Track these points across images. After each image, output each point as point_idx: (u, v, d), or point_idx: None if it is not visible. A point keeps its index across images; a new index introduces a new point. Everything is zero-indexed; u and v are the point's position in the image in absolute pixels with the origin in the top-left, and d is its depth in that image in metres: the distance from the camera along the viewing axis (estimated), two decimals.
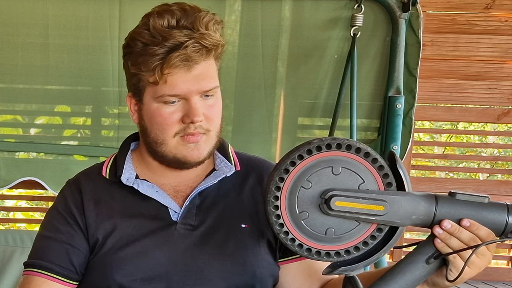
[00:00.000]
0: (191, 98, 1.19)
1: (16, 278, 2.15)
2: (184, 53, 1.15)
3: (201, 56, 1.17)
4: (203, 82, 1.19)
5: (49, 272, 1.25)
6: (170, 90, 1.18)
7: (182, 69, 1.17)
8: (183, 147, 1.22)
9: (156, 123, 1.22)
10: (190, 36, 1.15)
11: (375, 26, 2.18)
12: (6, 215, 4.77)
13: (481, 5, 3.37)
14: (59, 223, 1.29)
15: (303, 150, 1.00)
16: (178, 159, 1.24)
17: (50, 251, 1.27)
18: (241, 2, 2.20)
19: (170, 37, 1.15)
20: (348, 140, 0.99)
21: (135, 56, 1.20)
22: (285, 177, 1.00)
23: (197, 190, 1.27)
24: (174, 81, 1.17)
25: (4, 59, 2.23)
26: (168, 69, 1.16)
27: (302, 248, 1.02)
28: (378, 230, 1.01)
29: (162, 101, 1.20)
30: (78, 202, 1.29)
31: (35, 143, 2.34)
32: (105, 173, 1.32)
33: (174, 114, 1.20)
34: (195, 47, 1.15)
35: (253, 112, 2.28)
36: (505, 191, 3.68)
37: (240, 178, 1.32)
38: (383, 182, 1.00)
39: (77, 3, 2.19)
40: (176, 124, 1.20)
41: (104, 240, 1.26)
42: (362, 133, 2.28)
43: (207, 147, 1.24)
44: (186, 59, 1.15)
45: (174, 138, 1.22)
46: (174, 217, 1.27)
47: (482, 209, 1.01)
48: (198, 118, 1.19)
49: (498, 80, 3.49)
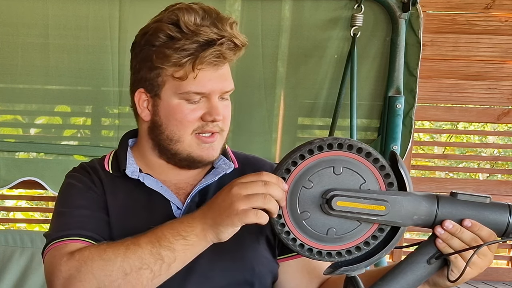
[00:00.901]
0: (213, 97, 1.20)
1: (16, 278, 2.15)
2: (219, 49, 1.15)
3: (233, 55, 1.18)
4: (226, 83, 1.20)
5: (94, 241, 1.19)
6: (196, 88, 1.18)
7: (212, 67, 1.17)
8: (198, 146, 1.22)
9: (175, 119, 1.21)
10: (221, 34, 1.15)
11: (375, 26, 2.18)
12: (6, 215, 4.76)
13: (481, 5, 3.37)
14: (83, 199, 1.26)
15: (305, 150, 1.00)
16: (192, 157, 1.24)
17: (87, 221, 1.22)
18: (241, 2, 2.20)
19: (201, 33, 1.15)
20: (350, 140, 1.00)
21: (160, 49, 1.19)
22: (286, 176, 1.00)
23: (198, 187, 1.27)
24: (202, 78, 1.17)
25: (4, 59, 2.23)
26: (201, 64, 1.16)
27: (304, 248, 1.02)
28: (380, 230, 1.01)
29: (185, 97, 1.20)
30: (95, 179, 1.28)
31: (35, 143, 2.34)
32: (108, 167, 1.31)
33: (195, 111, 1.20)
34: (229, 45, 1.16)
35: (253, 112, 2.28)
36: (505, 191, 3.68)
37: (238, 175, 1.31)
38: (385, 182, 1.00)
39: (77, 3, 2.19)
40: (196, 121, 1.20)
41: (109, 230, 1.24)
42: (362, 133, 2.29)
43: (219, 147, 1.25)
44: (219, 55, 1.16)
45: (191, 135, 1.22)
46: (176, 213, 1.26)
47: (483, 210, 1.01)
48: (219, 117, 1.20)
49: (498, 80, 3.49)
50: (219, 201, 1.05)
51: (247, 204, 1.01)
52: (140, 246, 1.08)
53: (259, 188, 1.01)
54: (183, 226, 1.08)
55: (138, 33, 1.25)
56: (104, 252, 1.10)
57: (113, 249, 1.10)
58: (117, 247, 1.10)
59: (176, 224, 1.09)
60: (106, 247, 1.11)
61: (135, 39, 1.26)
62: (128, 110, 2.41)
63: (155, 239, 1.08)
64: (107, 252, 1.10)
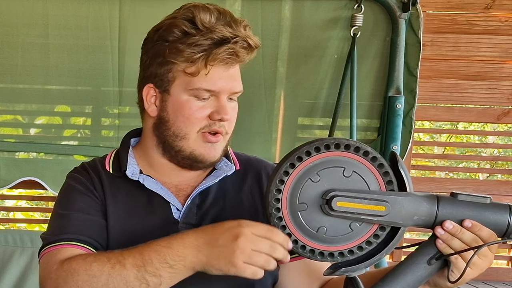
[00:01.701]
0: (221, 96, 1.20)
1: (16, 278, 2.15)
2: (233, 48, 1.16)
3: (246, 55, 1.19)
4: (235, 83, 1.21)
5: (89, 246, 1.20)
6: (207, 85, 1.19)
7: (224, 65, 1.18)
8: (202, 145, 1.23)
9: (183, 115, 1.22)
10: (235, 34, 1.17)
11: (375, 26, 2.18)
12: (6, 215, 4.75)
13: (481, 5, 3.37)
14: (82, 201, 1.26)
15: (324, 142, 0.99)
16: (195, 156, 1.24)
17: (84, 226, 1.22)
18: (241, 2, 2.20)
19: (216, 30, 1.16)
20: (348, 140, 0.99)
21: (173, 45, 1.19)
22: (290, 171, 1.00)
23: (198, 189, 1.27)
24: (213, 76, 1.18)
25: (4, 59, 2.23)
26: (213, 61, 1.17)
27: (305, 249, 1.02)
28: (380, 230, 1.01)
29: (195, 94, 1.20)
30: (95, 181, 1.28)
31: (35, 143, 2.34)
32: (109, 167, 1.31)
33: (204, 109, 1.21)
34: (243, 44, 1.17)
35: (253, 112, 2.28)
36: (505, 191, 3.68)
37: (239, 177, 1.33)
38: (385, 182, 1.00)
39: (77, 3, 2.19)
40: (203, 119, 1.21)
41: (107, 232, 1.25)
42: (362, 133, 2.28)
43: (221, 148, 1.26)
44: (232, 53, 1.17)
45: (197, 133, 1.22)
46: (176, 215, 1.26)
47: (484, 210, 1.00)
48: (227, 116, 1.20)
49: (498, 80, 3.48)
50: (220, 242, 1.03)
51: (248, 260, 1.01)
52: (126, 268, 1.07)
53: (265, 247, 1.01)
54: (172, 254, 1.06)
55: (150, 29, 1.26)
56: (90, 267, 1.09)
57: (99, 264, 1.09)
58: (103, 264, 1.09)
59: (164, 250, 1.07)
60: (93, 260, 1.11)
61: (148, 35, 1.26)
62: (128, 110, 2.42)
63: (141, 263, 1.07)
64: (92, 267, 1.09)
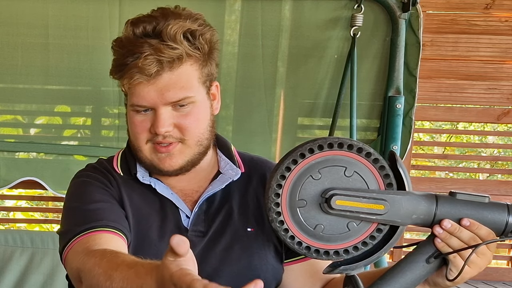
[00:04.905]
0: (158, 108, 1.18)
1: (16, 278, 2.15)
2: (137, 65, 1.13)
3: (160, 69, 1.14)
4: (168, 94, 1.16)
5: (117, 230, 1.16)
6: (137, 100, 1.19)
7: (142, 81, 1.15)
8: (156, 156, 1.22)
9: (131, 129, 1.24)
10: (150, 47, 1.13)
11: (375, 26, 2.19)
12: (6, 215, 4.75)
13: (481, 5, 3.37)
14: (101, 193, 1.24)
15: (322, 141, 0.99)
16: (154, 166, 1.24)
17: (108, 212, 1.20)
18: (241, 2, 2.21)
19: (134, 47, 1.14)
20: (350, 140, 0.99)
21: (113, 63, 1.21)
22: (292, 167, 0.99)
23: (205, 196, 1.26)
24: (139, 92, 1.17)
25: (4, 59, 2.23)
26: (127, 79, 1.16)
27: (302, 246, 1.02)
28: (378, 230, 1.01)
29: (134, 109, 1.21)
30: (110, 179, 1.27)
31: (35, 143, 2.34)
32: (118, 170, 1.30)
33: (144, 122, 1.21)
34: (147, 60, 1.13)
35: (253, 112, 2.28)
36: (505, 191, 3.68)
37: (244, 179, 1.31)
38: (384, 181, 1.00)
39: (77, 3, 2.19)
40: (146, 132, 1.21)
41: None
42: (362, 133, 2.29)
43: (184, 156, 1.22)
44: (139, 71, 1.14)
45: (147, 145, 1.22)
46: (185, 222, 1.25)
47: (482, 209, 1.01)
48: (161, 129, 1.18)
49: (498, 80, 3.48)
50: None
51: None
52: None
53: None
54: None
55: None
56: (93, 278, 1.03)
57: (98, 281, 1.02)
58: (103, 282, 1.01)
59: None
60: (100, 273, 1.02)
61: None
62: None
63: None
64: (95, 278, 1.02)
